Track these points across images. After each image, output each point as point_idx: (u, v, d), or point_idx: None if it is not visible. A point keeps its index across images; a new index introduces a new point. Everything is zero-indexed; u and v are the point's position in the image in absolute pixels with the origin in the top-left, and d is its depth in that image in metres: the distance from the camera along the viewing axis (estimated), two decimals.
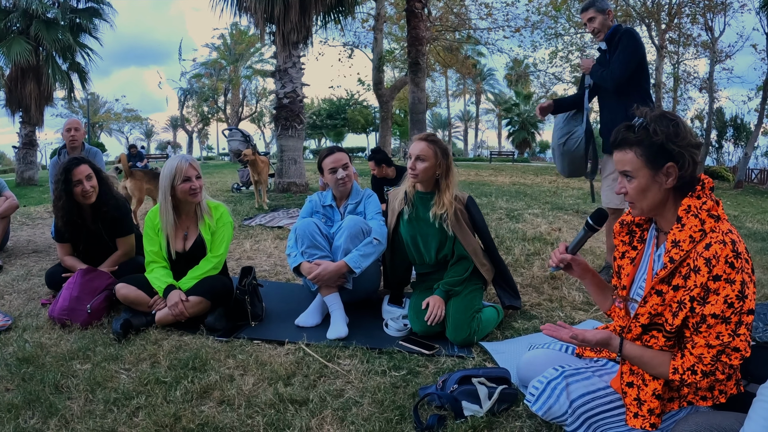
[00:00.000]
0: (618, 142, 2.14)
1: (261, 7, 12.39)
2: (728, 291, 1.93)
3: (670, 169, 2.06)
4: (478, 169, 28.94)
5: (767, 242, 8.03)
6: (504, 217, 9.10)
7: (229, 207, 9.58)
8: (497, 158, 48.85)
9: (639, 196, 2.13)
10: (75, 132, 6.14)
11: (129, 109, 66.54)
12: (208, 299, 3.71)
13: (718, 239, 1.96)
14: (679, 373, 2.04)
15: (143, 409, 2.58)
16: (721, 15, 28.00)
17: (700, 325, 1.98)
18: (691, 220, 2.05)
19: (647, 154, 2.07)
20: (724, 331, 1.94)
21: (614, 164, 2.19)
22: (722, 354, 1.97)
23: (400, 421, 2.50)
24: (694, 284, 1.98)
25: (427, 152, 3.65)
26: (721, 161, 49.91)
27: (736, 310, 1.93)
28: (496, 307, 3.85)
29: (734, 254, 1.93)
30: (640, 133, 2.07)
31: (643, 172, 2.09)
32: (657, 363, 2.12)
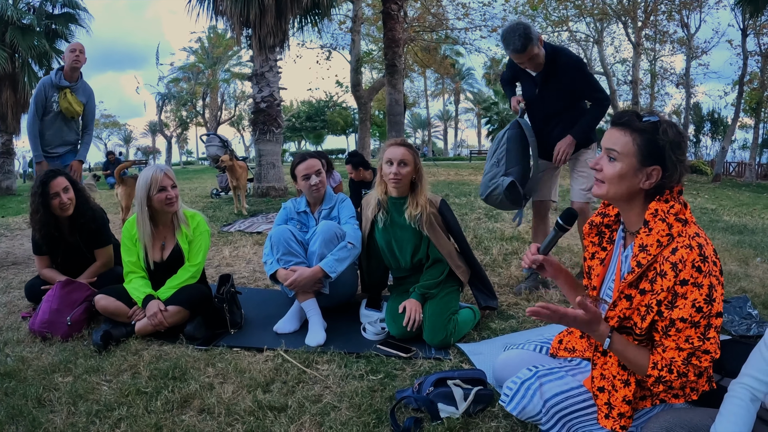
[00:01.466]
0: (622, 121, 2.13)
1: (237, 11, 12.33)
2: (696, 295, 1.95)
3: (654, 172, 2.08)
4: (458, 168, 28.95)
5: (744, 235, 8.13)
6: (482, 216, 9.14)
7: (208, 213, 9.65)
8: (477, 157, 48.80)
9: (613, 179, 2.13)
10: (80, 54, 5.97)
11: (107, 115, 66.02)
12: (186, 308, 3.71)
13: (685, 243, 1.99)
14: (657, 368, 2.05)
15: (125, 420, 2.59)
16: (696, 11, 28.32)
17: (669, 328, 2.01)
18: (658, 224, 2.07)
19: (644, 146, 2.07)
20: (694, 335, 1.97)
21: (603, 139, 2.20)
22: (692, 356, 1.99)
23: (378, 425, 2.54)
24: (661, 288, 2.00)
25: (408, 157, 3.69)
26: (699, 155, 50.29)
27: (705, 314, 1.95)
28: (473, 309, 3.90)
29: (701, 258, 1.95)
30: (648, 125, 2.08)
31: (630, 160, 2.09)
32: (636, 355, 2.12)
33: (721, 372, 2.52)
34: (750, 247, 7.04)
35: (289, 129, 60.48)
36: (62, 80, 5.94)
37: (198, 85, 47.20)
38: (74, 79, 5.99)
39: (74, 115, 6.08)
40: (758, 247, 7.11)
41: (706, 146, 52.66)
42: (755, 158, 33.69)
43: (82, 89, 6.09)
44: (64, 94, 5.91)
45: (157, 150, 72.26)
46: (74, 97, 6.00)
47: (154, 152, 72.08)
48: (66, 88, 5.92)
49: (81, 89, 6.07)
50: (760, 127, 34.16)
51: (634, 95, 29.34)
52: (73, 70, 5.95)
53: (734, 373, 2.01)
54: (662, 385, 2.08)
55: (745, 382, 1.92)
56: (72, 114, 6.04)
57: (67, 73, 5.95)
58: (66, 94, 5.92)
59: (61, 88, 5.91)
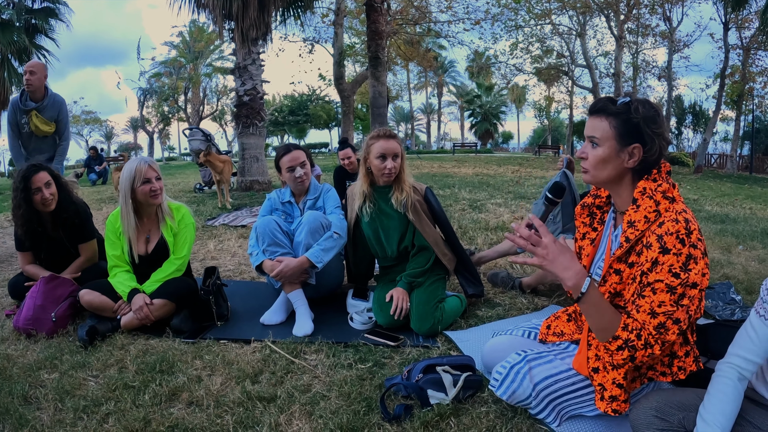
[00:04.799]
0: (597, 108, 2.17)
1: (219, 4, 12.30)
2: (673, 261, 1.97)
3: (636, 150, 2.11)
4: (442, 161, 29.06)
5: (726, 224, 8.23)
6: (467, 207, 9.19)
7: (192, 207, 9.60)
8: (460, 150, 49.04)
9: (598, 165, 2.17)
10: (30, 76, 5.83)
11: (88, 111, 65.47)
12: (172, 301, 3.69)
13: (671, 218, 2.02)
14: (627, 330, 2.03)
15: (113, 415, 2.57)
16: (679, 5, 28.55)
17: (644, 288, 2.03)
18: (646, 201, 2.10)
19: (620, 127, 2.11)
20: (668, 301, 1.98)
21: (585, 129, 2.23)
22: (663, 327, 1.99)
23: (368, 413, 2.54)
24: (646, 259, 2.03)
25: (398, 149, 3.72)
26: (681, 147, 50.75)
27: (681, 281, 1.97)
28: (459, 297, 3.91)
29: (686, 231, 1.98)
30: (621, 106, 2.11)
31: (610, 143, 2.13)
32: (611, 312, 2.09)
33: (707, 354, 2.55)
34: (732, 236, 7.14)
35: (272, 123, 60.35)
36: (27, 102, 5.88)
37: (179, 79, 46.96)
38: (39, 98, 5.91)
39: (45, 134, 6.03)
40: (740, 235, 7.22)
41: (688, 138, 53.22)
42: (736, 150, 34.01)
43: (51, 105, 5.98)
44: (32, 116, 5.84)
45: (138, 146, 71.87)
46: (40, 118, 5.92)
47: (136, 148, 71.66)
48: (32, 110, 5.85)
49: (49, 106, 5.96)
50: (741, 120, 34.50)
51: (617, 88, 29.53)
52: (32, 93, 5.88)
53: (720, 355, 2.03)
54: (627, 351, 2.03)
55: (732, 362, 1.94)
56: (43, 134, 6.00)
57: (31, 93, 5.89)
58: (33, 117, 5.86)
59: (28, 110, 5.84)
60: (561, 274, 2.09)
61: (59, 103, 6.06)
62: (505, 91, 62.62)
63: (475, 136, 68.65)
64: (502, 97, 67.18)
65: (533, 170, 20.90)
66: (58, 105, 6.03)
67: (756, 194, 15.38)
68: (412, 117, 74.84)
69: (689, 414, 1.96)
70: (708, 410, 1.88)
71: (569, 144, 42.68)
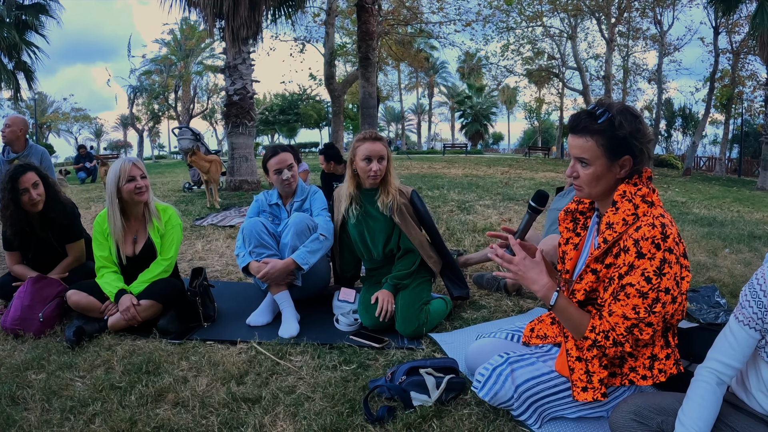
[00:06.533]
0: (580, 128, 2.17)
1: (210, 2, 12.25)
2: (647, 265, 2.02)
3: (626, 162, 2.15)
4: (432, 161, 29.06)
5: (713, 227, 8.29)
6: (455, 209, 9.21)
7: (181, 207, 9.60)
8: (450, 150, 49.09)
9: (592, 183, 2.20)
10: (5, 128, 5.89)
11: (77, 109, 64.99)
12: (159, 302, 3.71)
13: (648, 222, 2.05)
14: (594, 332, 2.16)
15: (99, 416, 2.59)
16: (670, 9, 28.69)
17: (619, 292, 2.09)
18: (624, 204, 2.14)
19: (608, 145, 2.12)
20: (641, 305, 2.04)
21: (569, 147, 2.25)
22: (635, 327, 2.07)
23: (351, 414, 2.57)
24: (623, 262, 2.08)
25: (384, 151, 3.74)
26: (671, 150, 51.02)
27: (653, 286, 2.02)
28: (445, 299, 3.94)
29: (662, 236, 2.02)
30: (605, 124, 2.11)
31: (600, 161, 2.15)
32: (579, 317, 2.23)
33: (689, 357, 2.59)
34: (719, 239, 7.19)
35: (262, 122, 60.22)
36: (9, 154, 5.91)
37: (170, 77, 46.78)
38: (19, 149, 5.93)
39: None
40: (727, 238, 7.27)
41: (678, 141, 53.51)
42: (725, 153, 34.25)
43: (33, 155, 5.96)
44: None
45: (128, 144, 71.57)
46: None
47: (126, 146, 71.38)
48: (14, 160, 5.83)
49: (31, 156, 5.94)
50: (731, 123, 34.75)
51: (607, 90, 29.67)
52: (8, 144, 5.92)
53: (702, 359, 2.05)
54: (596, 349, 2.18)
55: (711, 366, 1.96)
56: None
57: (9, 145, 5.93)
58: None
59: (11, 161, 5.84)
60: (531, 287, 2.30)
61: (40, 152, 6.08)
62: (496, 92, 62.74)
63: (466, 137, 68.80)
64: (493, 98, 67.32)
65: (523, 171, 20.94)
66: (39, 153, 6.04)
67: (744, 197, 15.46)
68: (403, 117, 74.85)
69: (668, 418, 1.98)
70: (687, 414, 1.91)
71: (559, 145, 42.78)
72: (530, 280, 2.29)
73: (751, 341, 1.91)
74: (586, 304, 2.32)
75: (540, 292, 2.27)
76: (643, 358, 2.24)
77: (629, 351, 2.15)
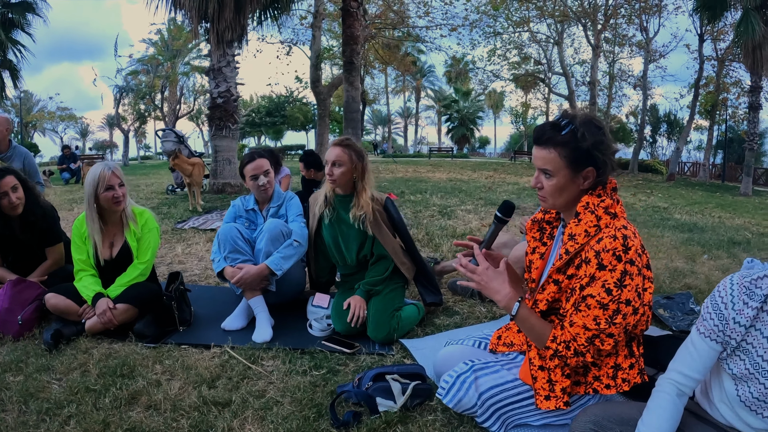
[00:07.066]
0: (543, 140, 2.18)
1: (195, 5, 12.25)
2: (607, 277, 2.03)
3: (589, 173, 2.16)
4: (417, 165, 29.13)
5: (693, 233, 8.37)
6: (436, 213, 9.26)
7: (163, 209, 9.60)
8: (437, 154, 49.21)
9: (555, 194, 2.21)
10: None
11: (63, 108, 64.53)
12: (135, 306, 3.74)
13: (610, 234, 2.06)
14: (556, 342, 2.17)
15: (74, 417, 2.63)
16: (656, 16, 28.98)
17: (580, 303, 2.10)
18: (587, 216, 2.15)
19: (571, 156, 2.14)
20: (602, 317, 2.05)
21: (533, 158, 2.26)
22: (596, 338, 2.08)
23: (317, 419, 2.62)
24: (585, 274, 2.09)
25: (342, 157, 3.75)
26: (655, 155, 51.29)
27: (614, 298, 2.03)
28: (417, 305, 3.99)
29: (623, 248, 2.03)
30: (568, 135, 2.12)
31: (563, 172, 2.16)
32: (540, 327, 2.25)
33: (656, 366, 2.60)
34: (698, 245, 7.26)
35: (248, 124, 59.92)
36: None
37: (157, 77, 46.54)
38: (2, 150, 5.94)
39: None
40: (706, 244, 7.35)
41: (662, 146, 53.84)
42: (709, 158, 34.51)
43: (16, 156, 5.99)
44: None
45: (114, 144, 71.08)
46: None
47: (111, 146, 70.91)
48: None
49: (15, 157, 5.97)
50: (715, 129, 35.03)
51: (592, 96, 29.84)
52: None
53: None
54: (558, 359, 2.21)
55: (671, 378, 1.96)
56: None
57: None
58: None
59: None
60: (493, 296, 2.31)
61: (23, 153, 6.09)
62: (483, 96, 62.91)
63: (452, 141, 68.91)
64: (480, 102, 67.48)
65: (507, 176, 21.04)
66: (22, 154, 6.05)
67: (726, 203, 15.62)
68: (390, 120, 74.88)
69: (627, 428, 1.98)
70: (646, 425, 1.91)
71: None
72: (492, 290, 2.29)
73: (712, 353, 1.91)
74: (550, 313, 2.33)
75: (502, 302, 2.28)
76: (607, 367, 2.25)
77: (591, 361, 2.17)
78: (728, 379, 1.92)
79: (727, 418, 1.95)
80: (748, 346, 1.85)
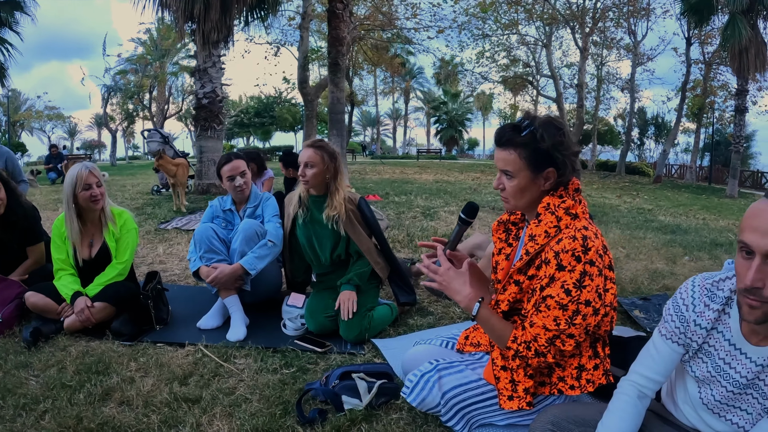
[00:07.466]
0: (504, 141, 2.20)
1: (181, 5, 12.24)
2: (566, 278, 2.03)
3: (550, 174, 2.17)
4: (405, 166, 29.20)
5: (676, 234, 8.45)
6: (419, 215, 9.31)
7: (147, 210, 9.62)
8: (425, 156, 49.21)
9: (517, 195, 2.23)
10: None
11: (51, 107, 63.98)
12: (112, 304, 3.79)
13: (570, 234, 2.06)
14: (516, 343, 2.17)
15: (49, 412, 2.69)
16: (643, 20, 29.19)
17: (540, 304, 2.10)
18: (547, 217, 2.16)
19: (531, 157, 2.15)
20: (561, 317, 2.05)
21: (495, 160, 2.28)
22: (557, 339, 2.08)
23: (284, 416, 2.67)
24: (545, 274, 2.09)
25: (314, 158, 3.78)
26: (643, 157, 51.56)
27: (573, 298, 2.03)
28: (391, 306, 4.04)
29: (583, 249, 2.02)
30: (527, 137, 2.14)
31: (524, 173, 2.18)
32: (501, 328, 2.25)
33: (625, 368, 2.62)
34: (680, 246, 7.33)
35: (237, 125, 59.78)
36: None
37: (145, 77, 46.35)
38: None
39: None
40: (688, 246, 7.42)
41: (650, 149, 54.16)
42: (696, 161, 34.72)
43: None
44: None
45: (102, 144, 70.74)
46: None
47: (99, 146, 70.57)
48: None
49: None
50: (702, 132, 35.25)
51: (580, 98, 29.96)
52: None
53: None
54: (519, 359, 2.22)
55: (633, 379, 1.97)
56: None
57: None
58: None
59: None
60: (454, 297, 2.32)
61: (4, 152, 6.14)
62: (471, 98, 63.00)
63: (441, 143, 68.99)
64: (468, 104, 67.59)
65: (494, 178, 21.03)
66: (3, 156, 6.10)
67: (712, 205, 15.73)
68: (379, 122, 74.85)
69: (587, 429, 1.97)
70: (606, 427, 1.90)
71: None
72: (453, 290, 2.30)
73: (674, 355, 1.92)
74: (513, 314, 2.34)
75: (462, 303, 2.28)
76: (571, 368, 2.25)
77: (553, 362, 2.17)
78: (691, 381, 1.94)
79: (691, 421, 1.97)
80: (710, 348, 1.85)
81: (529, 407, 2.26)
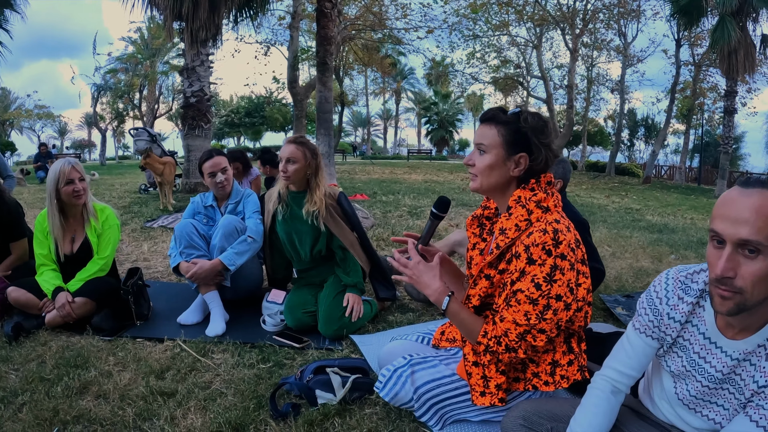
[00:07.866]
0: (488, 117, 2.23)
1: (169, 4, 12.15)
2: (537, 272, 2.02)
3: (522, 159, 2.17)
4: (395, 166, 29.22)
5: (663, 234, 8.50)
6: (405, 214, 9.34)
7: (134, 208, 9.63)
8: (416, 156, 49.24)
9: (485, 171, 2.21)
10: None
11: (41, 106, 63.64)
12: (93, 300, 3.81)
13: (540, 228, 2.05)
14: (487, 338, 2.16)
15: (27, 405, 2.72)
16: (634, 21, 29.27)
17: (510, 298, 2.08)
18: (518, 210, 2.14)
19: (508, 136, 2.16)
20: (532, 312, 2.04)
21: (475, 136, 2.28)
22: (528, 334, 2.07)
23: (257, 409, 2.70)
24: (515, 269, 2.07)
25: (296, 154, 3.80)
26: (633, 158, 51.74)
27: (543, 293, 2.02)
28: (371, 302, 4.06)
29: (554, 242, 2.01)
30: (511, 116, 2.17)
31: (497, 150, 2.18)
32: (471, 322, 2.24)
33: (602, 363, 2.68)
34: (667, 245, 7.38)
35: (227, 124, 59.63)
36: None
37: (135, 76, 46.19)
38: None
39: None
40: (675, 245, 7.46)
41: (640, 150, 54.37)
42: (685, 162, 34.88)
43: None
44: None
45: (92, 143, 70.46)
46: None
47: (89, 145, 70.30)
48: None
49: None
50: (691, 133, 35.42)
51: (569, 99, 29.99)
52: None
53: None
54: (490, 355, 2.20)
55: (606, 374, 1.95)
56: None
57: None
58: None
59: None
60: (424, 291, 2.32)
61: None
62: (462, 99, 63.04)
63: (431, 143, 69.07)
64: (459, 105, 67.65)
65: None
66: None
67: (700, 205, 15.80)
68: (370, 122, 74.85)
69: (559, 425, 1.97)
70: (578, 422, 1.89)
71: None
72: (423, 284, 2.30)
73: (648, 350, 1.90)
74: (484, 309, 2.32)
75: (432, 297, 2.28)
76: (545, 363, 2.24)
77: (524, 357, 2.15)
78: (667, 376, 1.93)
79: (668, 417, 1.96)
80: (684, 342, 1.83)
81: (502, 403, 2.26)
